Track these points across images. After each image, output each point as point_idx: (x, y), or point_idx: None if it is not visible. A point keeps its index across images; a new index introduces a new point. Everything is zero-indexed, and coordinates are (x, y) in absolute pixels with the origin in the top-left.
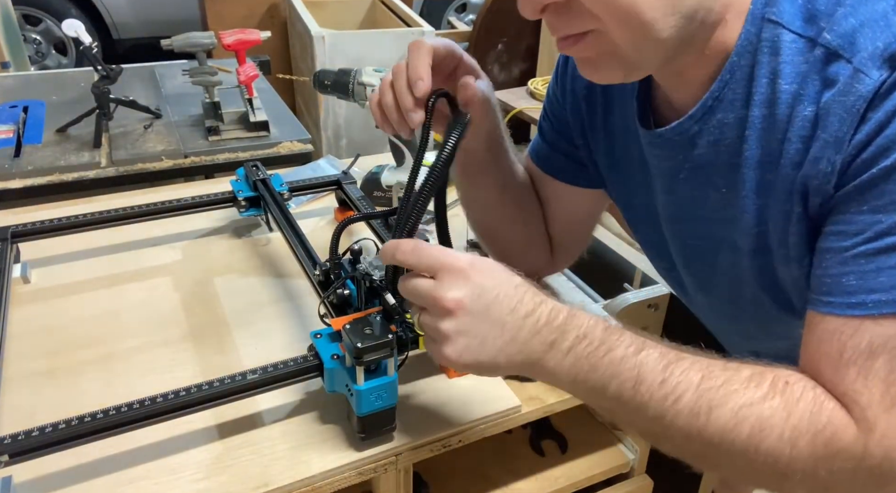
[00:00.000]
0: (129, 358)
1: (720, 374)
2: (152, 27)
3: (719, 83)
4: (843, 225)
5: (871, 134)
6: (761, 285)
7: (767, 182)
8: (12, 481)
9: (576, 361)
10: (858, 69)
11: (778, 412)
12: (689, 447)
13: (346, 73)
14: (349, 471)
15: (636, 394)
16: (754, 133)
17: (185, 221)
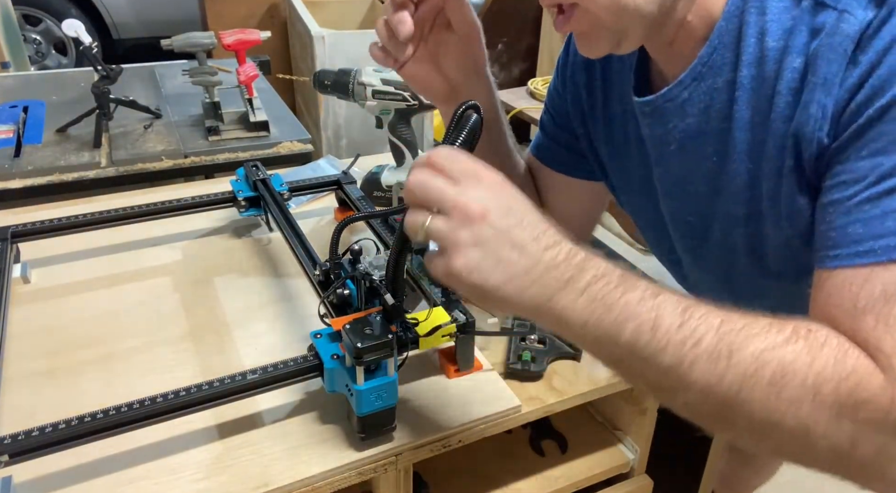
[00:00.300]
0: (129, 358)
1: (739, 319)
2: (152, 27)
3: (708, 48)
4: (843, 175)
5: (863, 76)
6: (752, 253)
7: (758, 143)
8: (12, 481)
9: (591, 301)
10: (843, 10)
11: (801, 357)
12: (705, 399)
13: (346, 73)
14: (349, 471)
15: (653, 338)
16: (744, 94)
17: (185, 221)
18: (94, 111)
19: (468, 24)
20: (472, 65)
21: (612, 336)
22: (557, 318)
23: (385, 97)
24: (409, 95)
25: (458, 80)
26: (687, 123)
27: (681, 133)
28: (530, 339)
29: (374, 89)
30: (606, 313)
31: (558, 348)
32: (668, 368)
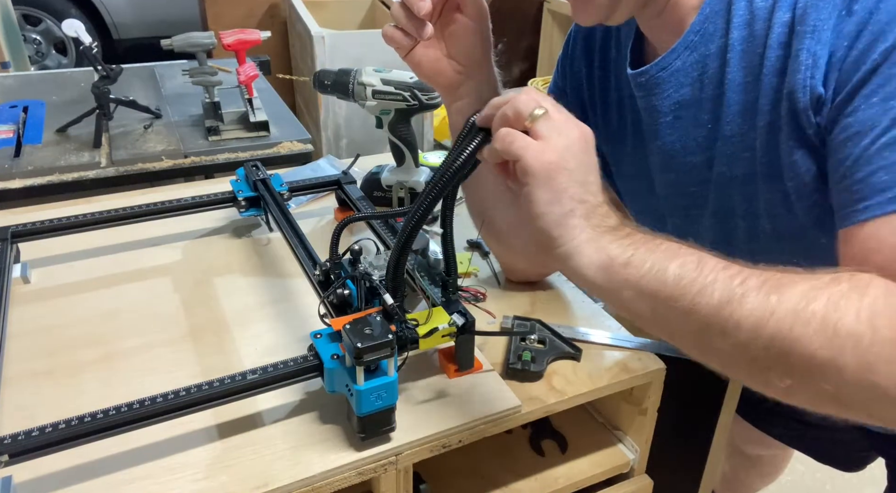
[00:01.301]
0: (129, 358)
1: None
2: (152, 27)
3: (700, 17)
4: (855, 126)
5: (862, 23)
6: (748, 215)
7: (751, 102)
8: (12, 481)
9: (633, 242)
10: None
11: (850, 294)
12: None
13: (346, 73)
14: (349, 471)
15: (700, 273)
16: (735, 56)
17: (185, 221)
18: (94, 111)
19: (478, 7)
20: (480, 51)
21: (657, 274)
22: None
23: (385, 97)
24: (409, 95)
25: (465, 67)
26: (681, 93)
27: (675, 103)
28: (530, 339)
29: (374, 89)
30: (649, 253)
31: (558, 348)
32: (718, 304)
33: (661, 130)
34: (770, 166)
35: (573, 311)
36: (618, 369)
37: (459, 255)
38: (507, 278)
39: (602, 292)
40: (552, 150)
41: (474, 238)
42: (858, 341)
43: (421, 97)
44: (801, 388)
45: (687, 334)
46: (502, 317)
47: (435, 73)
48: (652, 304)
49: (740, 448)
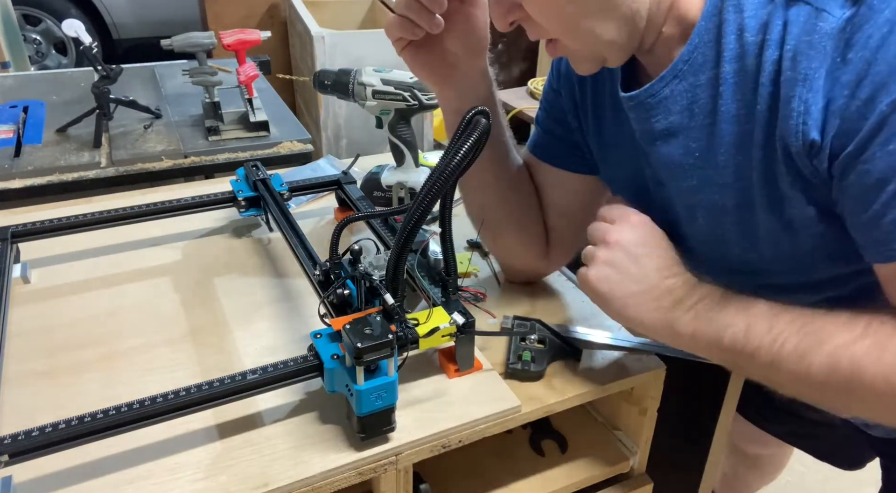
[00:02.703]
0: (129, 358)
1: (820, 320)
2: (152, 27)
3: (689, 47)
4: (877, 172)
5: (860, 73)
6: (744, 241)
7: (746, 134)
8: (12, 481)
9: (696, 317)
10: (819, 8)
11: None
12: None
13: (346, 73)
14: (349, 471)
15: (747, 342)
16: (728, 89)
17: (185, 221)
18: (94, 111)
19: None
20: (476, 43)
21: (715, 343)
22: (671, 331)
23: (385, 97)
24: (409, 95)
25: (460, 59)
26: (669, 120)
27: (664, 129)
28: (530, 339)
29: (374, 89)
30: (708, 324)
31: (558, 348)
32: (763, 366)
33: (652, 151)
34: (770, 197)
35: (573, 311)
36: (618, 369)
37: (459, 255)
38: (507, 278)
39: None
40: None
41: (474, 238)
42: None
43: (421, 97)
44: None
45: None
46: (502, 317)
47: (428, 63)
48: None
49: (740, 447)
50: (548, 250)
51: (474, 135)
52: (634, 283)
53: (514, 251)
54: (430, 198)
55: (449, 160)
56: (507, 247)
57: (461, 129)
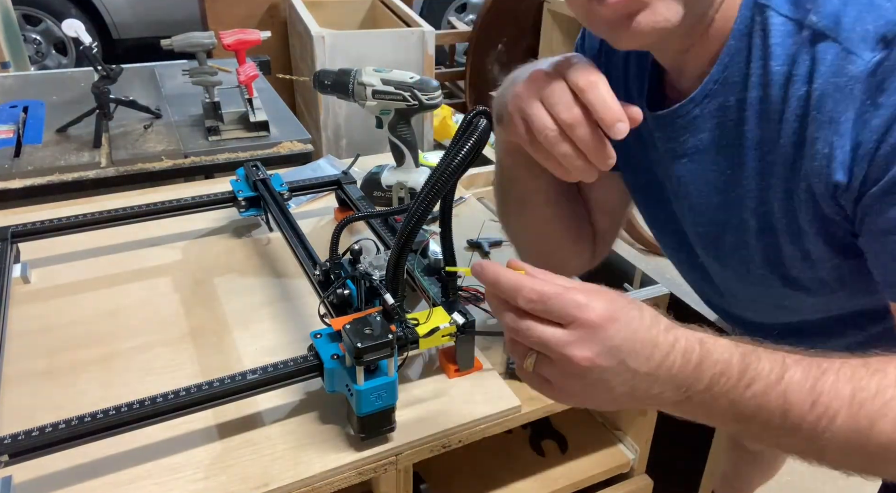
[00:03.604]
0: (129, 358)
1: (869, 381)
2: (152, 27)
3: (719, 67)
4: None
5: (890, 119)
6: (768, 263)
7: (768, 163)
8: (12, 481)
9: (713, 399)
10: (848, 50)
11: None
12: (849, 460)
13: (346, 73)
14: (349, 471)
15: (785, 421)
16: (753, 114)
17: (185, 221)
18: (94, 111)
19: None
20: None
21: (743, 424)
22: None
23: (385, 97)
24: (409, 95)
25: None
26: (699, 137)
27: (692, 147)
28: None
29: (374, 89)
30: (732, 407)
31: None
32: (807, 440)
33: (677, 169)
34: (790, 227)
35: None
36: None
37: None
38: None
39: None
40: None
41: (474, 238)
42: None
43: (421, 97)
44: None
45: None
46: None
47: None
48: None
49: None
50: (595, 251)
51: (475, 136)
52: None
53: (570, 265)
54: (430, 198)
55: (449, 161)
56: (562, 260)
57: (462, 129)
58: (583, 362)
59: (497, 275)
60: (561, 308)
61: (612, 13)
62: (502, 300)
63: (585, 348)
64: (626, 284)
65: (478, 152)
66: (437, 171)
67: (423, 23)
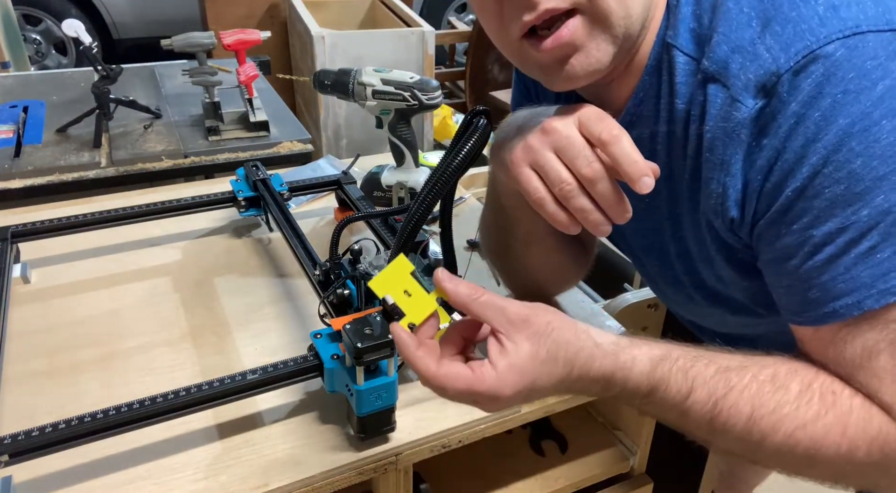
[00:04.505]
0: (129, 358)
1: (770, 398)
2: (152, 27)
3: (634, 101)
4: (783, 248)
5: (771, 159)
6: (692, 283)
7: (677, 194)
8: (12, 481)
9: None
10: (734, 98)
11: (833, 429)
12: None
13: (346, 73)
14: (349, 471)
15: (682, 426)
16: (663, 148)
17: (185, 221)
18: (94, 111)
19: None
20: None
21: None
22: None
23: (385, 97)
24: (409, 95)
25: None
26: None
27: None
28: None
29: (374, 89)
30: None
31: None
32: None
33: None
34: (701, 252)
35: (573, 311)
36: None
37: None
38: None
39: None
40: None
41: (474, 238)
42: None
43: (421, 97)
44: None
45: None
46: None
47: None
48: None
49: None
50: (588, 259)
51: (475, 136)
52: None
53: (573, 281)
54: (430, 198)
55: (450, 161)
56: (566, 280)
57: (462, 129)
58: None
59: (406, 357)
60: (470, 400)
61: (546, 57)
62: None
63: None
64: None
65: (478, 152)
66: (437, 171)
67: (423, 23)
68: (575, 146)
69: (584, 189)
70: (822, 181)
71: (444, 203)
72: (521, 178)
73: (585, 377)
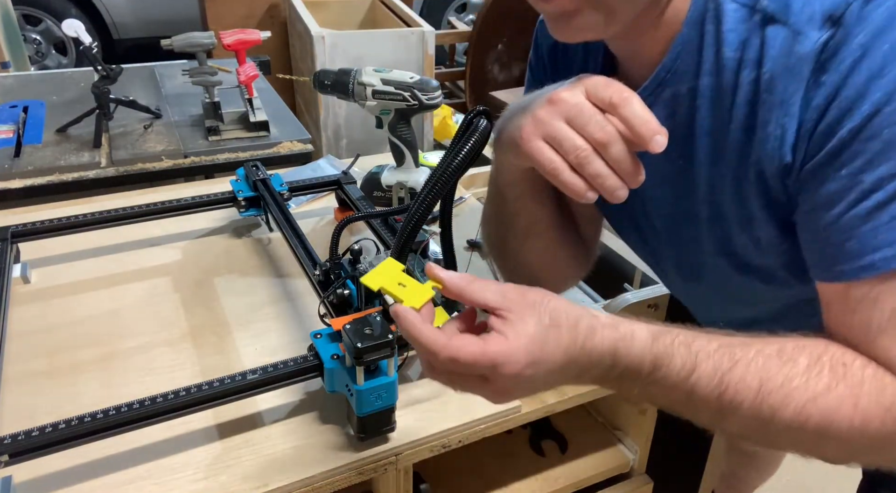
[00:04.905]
0: (129, 358)
1: (778, 372)
2: (152, 27)
3: (671, 55)
4: (827, 194)
5: (829, 97)
6: (722, 253)
7: (719, 151)
8: (12, 481)
9: (626, 388)
10: (796, 31)
11: (845, 401)
12: (751, 436)
13: (346, 73)
14: (349, 471)
15: (690, 406)
16: (704, 103)
17: (185, 221)
18: (94, 111)
19: None
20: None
21: (653, 404)
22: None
23: (385, 97)
24: (409, 95)
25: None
26: None
27: None
28: None
29: (374, 89)
30: (641, 394)
31: None
32: (711, 421)
33: None
34: (739, 215)
35: None
36: None
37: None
38: None
39: None
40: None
41: (474, 238)
42: (849, 442)
43: (421, 97)
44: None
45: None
46: None
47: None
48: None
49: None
50: (589, 258)
51: (475, 136)
52: (545, 385)
53: (573, 279)
54: (430, 198)
55: (450, 161)
56: (566, 278)
57: (462, 129)
58: (506, 393)
59: (411, 333)
60: (479, 370)
61: (552, 9)
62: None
63: (508, 385)
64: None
65: (478, 153)
66: (437, 171)
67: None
68: (585, 112)
69: (598, 155)
70: (881, 121)
71: (444, 203)
72: (534, 150)
73: (591, 351)
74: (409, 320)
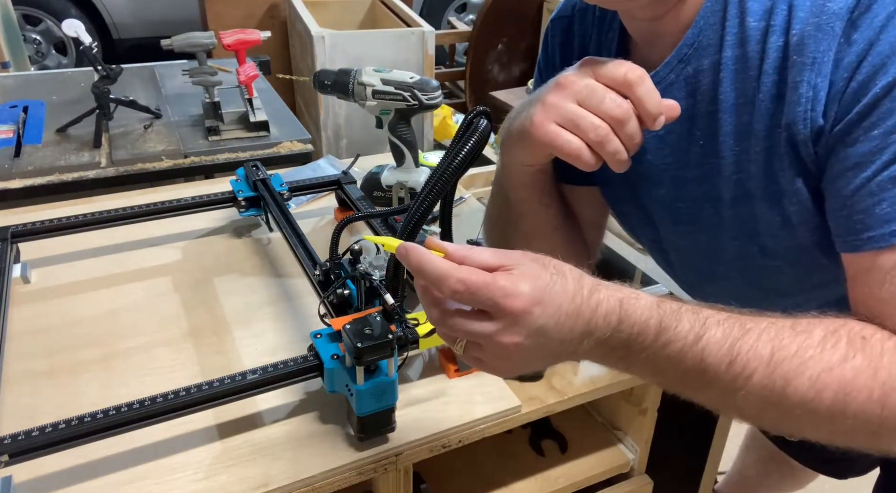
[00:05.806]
0: (129, 358)
1: (791, 342)
2: (152, 27)
3: (694, 30)
4: (856, 156)
5: (862, 54)
6: (745, 234)
7: (744, 124)
8: (12, 481)
9: (632, 356)
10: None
11: (863, 372)
12: (765, 415)
13: (346, 73)
14: (349, 471)
15: (701, 378)
16: (728, 75)
17: (185, 221)
18: (94, 111)
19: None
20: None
21: (660, 377)
22: (605, 366)
23: (385, 97)
24: (409, 95)
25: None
26: None
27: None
28: None
29: (374, 89)
30: (647, 364)
31: None
32: (721, 397)
33: (652, 144)
34: (768, 190)
35: None
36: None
37: None
38: None
39: None
40: (503, 372)
41: (474, 238)
42: (868, 419)
43: (421, 97)
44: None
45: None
46: None
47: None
48: (664, 388)
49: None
50: (590, 259)
51: (475, 136)
52: (551, 356)
53: None
54: (430, 198)
55: (450, 161)
56: None
57: (462, 129)
58: (510, 347)
59: (421, 262)
60: (487, 298)
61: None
62: (426, 288)
63: (513, 333)
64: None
65: (478, 152)
66: (437, 171)
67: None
68: (598, 92)
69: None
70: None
71: (444, 203)
72: (550, 135)
73: (597, 305)
74: (419, 250)
